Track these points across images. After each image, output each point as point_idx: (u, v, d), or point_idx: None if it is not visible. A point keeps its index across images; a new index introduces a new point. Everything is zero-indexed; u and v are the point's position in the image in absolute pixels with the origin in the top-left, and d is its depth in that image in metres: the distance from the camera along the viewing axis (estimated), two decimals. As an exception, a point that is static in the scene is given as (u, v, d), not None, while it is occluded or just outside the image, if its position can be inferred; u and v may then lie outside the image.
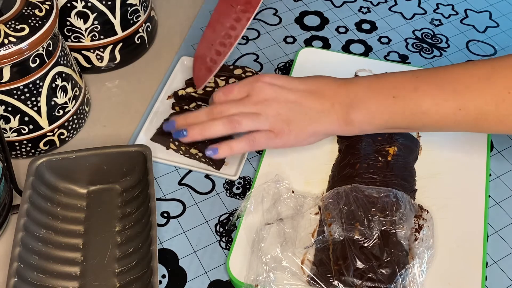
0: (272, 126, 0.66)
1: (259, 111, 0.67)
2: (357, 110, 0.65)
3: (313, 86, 0.68)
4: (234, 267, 0.62)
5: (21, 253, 0.59)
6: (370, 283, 0.58)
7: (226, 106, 0.67)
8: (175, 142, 0.73)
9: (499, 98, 0.61)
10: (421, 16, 0.93)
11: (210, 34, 0.77)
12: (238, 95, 0.68)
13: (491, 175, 0.72)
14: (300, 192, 0.68)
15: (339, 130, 0.67)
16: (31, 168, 0.66)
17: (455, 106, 0.62)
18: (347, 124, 0.66)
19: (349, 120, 0.66)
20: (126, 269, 0.62)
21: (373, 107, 0.65)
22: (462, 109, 0.62)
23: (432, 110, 0.63)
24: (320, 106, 0.67)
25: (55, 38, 0.69)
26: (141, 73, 0.85)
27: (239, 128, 0.66)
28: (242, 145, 0.67)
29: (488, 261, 0.65)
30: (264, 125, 0.66)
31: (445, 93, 0.63)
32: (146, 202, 0.65)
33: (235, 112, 0.67)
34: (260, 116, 0.66)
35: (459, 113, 0.62)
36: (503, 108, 0.61)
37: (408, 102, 0.64)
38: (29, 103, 0.69)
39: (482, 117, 0.62)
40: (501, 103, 0.61)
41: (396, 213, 0.62)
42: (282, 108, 0.67)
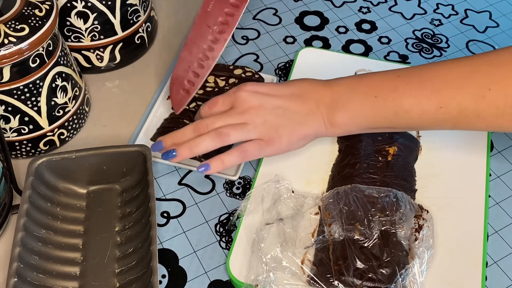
0: (261, 134, 0.66)
1: (246, 121, 0.66)
2: (341, 111, 0.65)
3: (297, 90, 0.68)
4: (234, 267, 0.62)
5: (21, 253, 0.59)
6: (370, 283, 0.58)
7: (211, 119, 0.66)
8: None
9: (479, 95, 0.61)
10: (421, 16, 0.93)
11: (186, 55, 0.76)
12: (222, 107, 0.68)
13: (491, 175, 0.72)
14: (300, 192, 0.68)
15: (325, 132, 0.67)
16: (31, 168, 0.66)
17: (436, 104, 0.62)
18: (332, 125, 0.66)
19: (333, 121, 0.66)
20: (126, 269, 0.62)
21: (356, 107, 0.65)
22: (443, 106, 0.62)
23: (413, 109, 0.63)
24: (306, 109, 0.66)
25: (55, 38, 0.69)
26: (141, 73, 0.85)
27: (228, 140, 0.65)
28: (233, 158, 0.66)
29: (488, 261, 0.65)
30: (253, 135, 0.66)
31: (426, 91, 0.63)
32: (146, 202, 0.65)
33: (222, 125, 0.66)
34: (247, 125, 0.66)
35: (440, 110, 0.62)
36: (484, 105, 0.61)
37: (390, 101, 0.64)
38: (29, 103, 0.69)
39: (463, 114, 0.62)
40: (481, 100, 0.61)
41: (396, 213, 0.62)
42: (268, 115, 0.66)
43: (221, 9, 0.75)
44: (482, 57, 0.63)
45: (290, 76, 0.81)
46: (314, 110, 0.66)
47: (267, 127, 0.66)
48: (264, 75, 0.82)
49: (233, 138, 0.65)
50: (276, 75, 0.84)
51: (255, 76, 0.81)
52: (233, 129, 0.65)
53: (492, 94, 0.60)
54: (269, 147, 0.66)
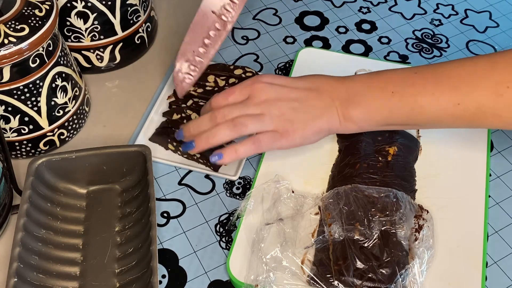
0: (277, 126, 0.66)
1: (263, 112, 0.66)
2: (357, 106, 0.65)
3: (313, 84, 0.68)
4: (234, 267, 0.62)
5: (21, 253, 0.59)
6: (370, 283, 0.58)
7: (228, 109, 0.66)
8: (173, 143, 0.73)
9: (497, 92, 0.61)
10: (421, 16, 0.93)
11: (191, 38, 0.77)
12: (239, 97, 0.68)
13: (491, 175, 0.72)
14: (300, 192, 0.68)
15: (339, 127, 0.67)
16: (31, 168, 0.66)
17: (453, 100, 0.62)
18: (346, 120, 0.66)
19: (348, 116, 0.66)
20: (126, 269, 0.62)
21: (372, 102, 0.65)
22: (461, 103, 0.62)
23: (430, 105, 0.63)
24: (321, 103, 0.66)
25: (55, 38, 0.69)
26: (141, 73, 0.85)
27: (246, 130, 0.65)
28: (247, 148, 0.66)
29: (488, 261, 0.65)
30: (269, 126, 0.66)
31: (443, 88, 0.63)
32: (146, 202, 0.65)
33: (238, 115, 0.66)
34: (264, 116, 0.66)
35: (457, 107, 0.62)
36: (502, 103, 0.61)
37: (407, 97, 0.64)
38: (29, 103, 0.69)
39: (480, 111, 0.62)
40: (500, 97, 0.61)
41: (396, 213, 0.62)
42: (284, 107, 0.66)
43: None
44: (499, 55, 0.63)
45: (290, 76, 0.81)
46: (329, 104, 0.66)
47: (283, 120, 0.66)
48: (264, 75, 0.81)
49: (250, 129, 0.65)
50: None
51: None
52: (250, 119, 0.65)
53: (510, 92, 0.60)
54: (283, 139, 0.66)
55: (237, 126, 0.65)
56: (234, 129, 0.65)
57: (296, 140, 0.67)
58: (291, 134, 0.66)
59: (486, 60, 0.63)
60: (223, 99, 0.68)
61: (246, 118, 0.65)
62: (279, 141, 0.66)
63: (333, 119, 0.66)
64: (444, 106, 0.63)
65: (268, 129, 0.66)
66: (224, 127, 0.66)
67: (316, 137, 0.68)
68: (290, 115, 0.66)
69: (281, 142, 0.66)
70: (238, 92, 0.68)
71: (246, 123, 0.65)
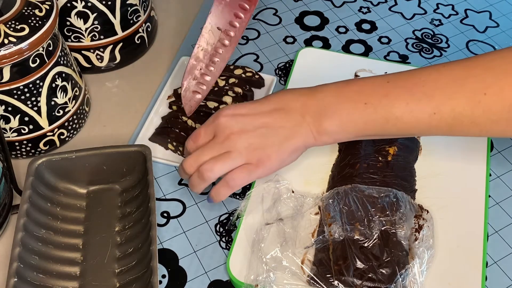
0: (248, 158, 0.62)
1: (229, 149, 0.62)
2: (329, 119, 0.62)
3: (278, 104, 0.64)
4: (234, 267, 0.62)
5: (21, 253, 0.59)
6: (370, 283, 0.58)
7: (195, 156, 0.64)
8: (173, 142, 0.73)
9: (474, 100, 0.59)
10: (421, 16, 0.93)
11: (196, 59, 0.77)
12: (205, 138, 0.64)
13: (491, 175, 0.72)
14: (300, 192, 0.68)
15: (315, 142, 0.64)
16: (31, 168, 0.66)
17: (428, 110, 0.60)
18: (320, 134, 0.63)
19: (322, 130, 0.63)
20: (126, 269, 0.62)
21: (344, 115, 0.62)
22: (437, 113, 0.60)
23: (405, 116, 0.60)
24: (291, 122, 0.63)
25: (55, 38, 0.69)
26: (141, 73, 0.85)
27: (212, 175, 0.63)
28: (223, 191, 0.64)
29: (488, 261, 0.64)
30: (239, 161, 0.62)
31: (418, 97, 0.60)
32: (146, 202, 0.65)
33: (205, 159, 0.63)
34: (231, 154, 0.62)
35: (433, 117, 0.60)
36: (479, 110, 0.59)
37: (380, 108, 0.61)
38: (29, 103, 0.69)
39: (457, 120, 0.60)
40: (477, 105, 0.59)
41: (396, 213, 0.62)
42: (252, 137, 0.63)
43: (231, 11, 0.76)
44: (475, 61, 0.61)
45: (290, 76, 0.81)
46: (299, 121, 0.63)
47: (252, 150, 0.62)
48: (264, 75, 0.82)
49: (217, 173, 0.62)
50: (276, 75, 0.84)
51: (255, 76, 0.81)
52: (216, 163, 0.62)
53: (488, 98, 0.58)
54: (259, 169, 0.63)
55: (204, 174, 0.63)
56: (202, 178, 0.63)
57: (273, 166, 0.64)
58: (266, 162, 0.63)
59: (461, 66, 0.61)
60: (193, 143, 0.65)
61: (211, 163, 0.62)
62: (255, 172, 0.63)
63: (306, 136, 0.63)
64: (419, 116, 0.60)
65: (239, 164, 0.63)
66: (195, 178, 0.64)
67: (293, 156, 0.65)
68: (259, 143, 0.63)
69: (257, 172, 0.63)
70: (203, 133, 0.65)
71: (211, 168, 0.62)
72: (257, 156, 0.63)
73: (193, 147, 0.65)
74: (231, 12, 0.77)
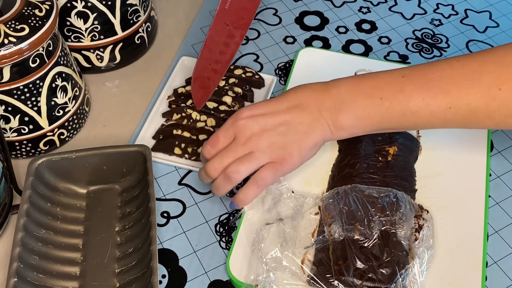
0: (271, 157, 0.64)
1: (252, 149, 0.64)
2: (345, 114, 0.64)
3: (294, 101, 0.65)
4: (234, 267, 0.62)
5: (21, 253, 0.59)
6: (370, 283, 0.58)
7: (218, 160, 0.64)
8: (181, 144, 0.72)
9: (489, 95, 0.60)
10: (421, 16, 0.93)
11: (206, 53, 0.78)
12: (224, 142, 0.65)
13: (491, 175, 0.72)
14: (300, 192, 0.68)
15: (331, 136, 0.65)
16: (31, 168, 0.66)
17: (444, 105, 0.61)
18: (337, 129, 0.64)
19: (339, 125, 0.64)
20: (126, 269, 0.62)
21: (360, 109, 0.63)
22: (452, 107, 0.61)
23: (421, 110, 0.62)
24: (309, 118, 0.64)
25: (55, 38, 0.69)
26: (141, 73, 0.85)
27: (239, 177, 0.63)
28: (253, 190, 0.65)
29: (488, 261, 0.64)
30: (263, 160, 0.64)
31: (433, 92, 0.62)
32: (146, 202, 0.65)
33: (229, 162, 0.64)
34: (254, 154, 0.63)
35: (449, 111, 0.62)
36: (494, 105, 0.61)
37: (397, 103, 0.62)
38: (29, 103, 0.69)
39: (473, 114, 0.61)
40: (492, 101, 0.60)
41: (396, 213, 0.62)
42: (272, 136, 0.64)
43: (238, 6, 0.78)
44: (488, 56, 0.62)
45: (290, 76, 0.81)
46: (316, 116, 0.64)
47: (275, 148, 0.64)
48: (264, 75, 0.82)
49: (244, 173, 0.63)
50: (276, 75, 0.84)
51: (255, 76, 0.81)
52: (241, 164, 0.63)
53: (503, 94, 0.60)
54: (284, 167, 0.64)
55: (230, 177, 0.63)
56: (229, 181, 0.64)
57: (296, 162, 0.65)
58: (288, 159, 0.64)
59: (474, 61, 0.62)
60: (211, 148, 0.65)
61: (237, 164, 0.63)
62: (280, 170, 0.64)
63: (324, 130, 0.64)
64: (435, 110, 0.62)
65: (263, 163, 0.64)
66: (220, 181, 0.64)
67: (314, 151, 0.66)
68: (280, 142, 0.64)
69: (282, 170, 0.64)
70: (222, 137, 0.65)
71: (238, 170, 0.63)
72: (279, 155, 0.64)
73: (211, 152, 0.65)
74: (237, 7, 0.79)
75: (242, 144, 0.64)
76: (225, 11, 0.79)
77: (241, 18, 0.78)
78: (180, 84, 0.81)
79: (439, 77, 0.62)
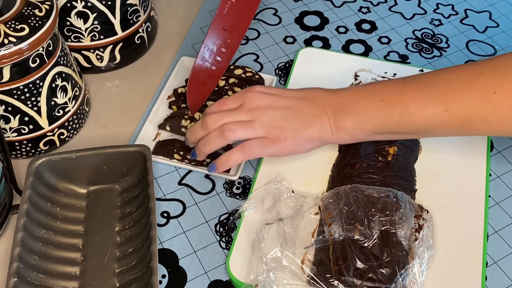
0: (267, 133, 0.66)
1: (253, 118, 0.66)
2: (347, 115, 0.65)
3: (305, 94, 0.68)
4: (234, 267, 0.62)
5: (21, 253, 0.59)
6: (370, 283, 0.58)
7: (219, 115, 0.67)
8: (180, 152, 0.72)
9: (484, 98, 0.61)
10: (421, 16, 0.93)
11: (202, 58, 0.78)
12: (232, 105, 0.68)
13: (491, 175, 0.72)
14: (300, 192, 0.68)
15: (332, 138, 0.67)
16: (31, 168, 0.66)
17: (441, 107, 0.63)
18: (338, 130, 0.66)
19: (340, 125, 0.66)
20: (126, 269, 0.62)
21: (362, 111, 0.65)
22: (449, 110, 0.62)
23: (419, 112, 0.63)
24: (313, 111, 0.67)
25: (55, 38, 0.69)
26: (141, 73, 0.85)
27: (233, 136, 0.65)
28: (237, 156, 0.66)
29: (488, 261, 0.65)
30: (259, 133, 0.66)
31: (431, 95, 0.63)
32: (146, 202, 0.65)
33: (228, 121, 0.66)
34: (254, 123, 0.66)
35: (445, 114, 0.63)
36: (489, 108, 0.61)
37: (396, 104, 0.64)
38: (29, 103, 0.69)
39: (468, 118, 0.62)
40: (487, 104, 0.61)
41: (396, 213, 0.62)
42: (276, 114, 0.66)
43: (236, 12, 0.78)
44: (486, 63, 0.64)
45: (290, 76, 0.81)
46: (321, 113, 0.66)
47: (273, 126, 0.66)
48: (264, 75, 0.82)
49: (238, 134, 0.66)
50: (276, 75, 0.84)
51: (255, 76, 0.81)
52: (239, 126, 0.66)
53: (497, 97, 0.61)
54: (274, 145, 0.66)
55: (225, 132, 0.65)
56: (222, 135, 0.65)
57: (287, 147, 0.66)
58: (282, 141, 0.66)
59: (473, 68, 0.64)
60: (217, 107, 0.68)
61: (235, 124, 0.66)
62: (270, 148, 0.66)
63: (324, 128, 0.66)
64: (432, 113, 0.63)
65: (258, 136, 0.66)
66: (214, 134, 0.66)
67: (308, 145, 0.67)
68: (281, 123, 0.66)
69: (271, 148, 0.66)
70: (231, 102, 0.68)
71: (234, 129, 0.65)
72: (275, 133, 0.66)
73: (215, 110, 0.67)
74: (235, 13, 0.79)
75: (246, 111, 0.67)
76: (223, 15, 0.79)
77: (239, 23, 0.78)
78: (180, 84, 0.81)
79: (438, 82, 0.64)
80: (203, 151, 0.67)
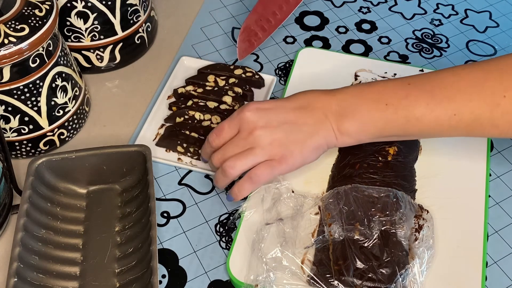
0: (270, 154, 0.64)
1: (252, 145, 0.64)
2: (350, 119, 0.64)
3: (302, 102, 0.65)
4: (234, 267, 0.62)
5: (21, 253, 0.59)
6: (370, 283, 0.58)
7: (221, 152, 0.65)
8: (184, 144, 0.72)
9: (493, 102, 0.60)
10: (421, 16, 0.93)
11: (260, 8, 0.79)
12: (229, 132, 0.66)
13: (491, 175, 0.72)
14: (300, 192, 0.68)
15: (336, 142, 0.65)
16: (31, 168, 0.66)
17: (449, 111, 0.61)
18: (342, 134, 0.64)
19: (343, 130, 0.64)
20: (126, 269, 0.62)
21: (366, 115, 0.63)
22: (457, 114, 0.61)
23: (426, 116, 0.62)
24: (314, 119, 0.64)
25: (55, 38, 0.69)
26: (141, 73, 0.85)
27: (235, 172, 0.64)
28: (247, 186, 0.65)
29: (488, 261, 0.65)
30: (262, 157, 0.64)
31: (438, 99, 0.62)
32: (146, 202, 0.65)
33: (230, 155, 0.65)
34: (254, 150, 0.64)
35: (453, 118, 0.61)
36: (498, 112, 0.60)
37: (402, 109, 0.62)
38: (29, 103, 0.69)
39: (477, 122, 0.61)
40: (496, 108, 0.60)
41: (396, 213, 0.62)
42: (275, 133, 0.64)
43: None
44: (492, 64, 0.62)
45: (290, 76, 0.81)
46: (322, 119, 0.64)
47: (276, 146, 0.64)
48: (264, 75, 0.82)
49: (239, 169, 0.64)
50: (276, 75, 0.84)
51: (255, 76, 0.81)
52: (238, 160, 0.64)
53: (507, 101, 0.60)
54: (282, 165, 0.64)
55: (226, 171, 0.64)
56: (225, 175, 0.64)
57: (296, 162, 0.65)
58: (289, 158, 0.64)
59: (479, 69, 0.63)
60: (216, 137, 0.66)
61: (234, 159, 0.64)
62: (277, 168, 0.64)
63: (328, 134, 0.64)
64: (439, 117, 0.62)
65: (261, 161, 0.64)
66: (218, 175, 0.66)
67: (315, 154, 0.66)
68: (282, 140, 0.64)
69: (279, 168, 0.64)
70: (227, 127, 0.66)
71: (233, 165, 0.64)
72: (280, 153, 0.64)
73: (216, 141, 0.66)
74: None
75: (244, 139, 0.64)
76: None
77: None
78: (180, 84, 0.81)
79: (444, 84, 0.62)
80: (217, 187, 0.69)
